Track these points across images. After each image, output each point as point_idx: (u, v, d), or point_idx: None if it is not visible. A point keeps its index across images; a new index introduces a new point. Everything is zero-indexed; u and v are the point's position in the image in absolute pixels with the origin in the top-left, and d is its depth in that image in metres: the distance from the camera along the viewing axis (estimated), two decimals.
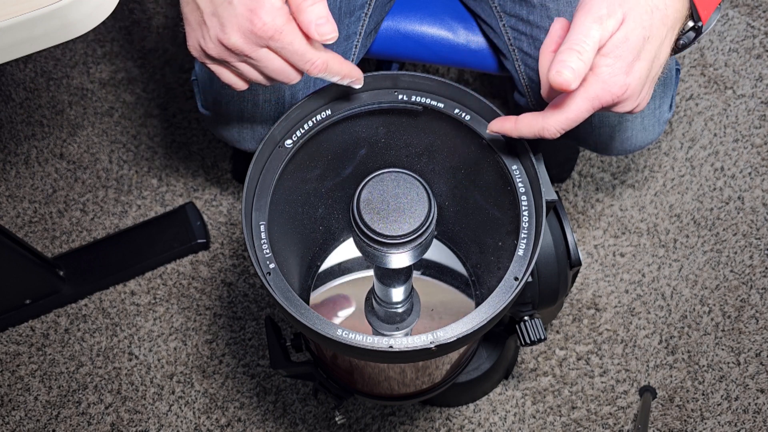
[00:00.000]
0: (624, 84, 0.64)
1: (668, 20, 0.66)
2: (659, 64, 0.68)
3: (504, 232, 0.77)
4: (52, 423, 1.25)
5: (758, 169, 1.38)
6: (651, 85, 0.69)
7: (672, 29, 0.67)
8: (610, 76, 0.64)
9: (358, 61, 0.97)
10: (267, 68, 0.67)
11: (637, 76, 0.65)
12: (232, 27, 0.64)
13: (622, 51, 0.64)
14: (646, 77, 0.66)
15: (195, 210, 1.35)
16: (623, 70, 0.64)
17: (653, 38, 0.65)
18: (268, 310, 1.30)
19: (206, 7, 0.65)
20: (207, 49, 0.67)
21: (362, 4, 0.94)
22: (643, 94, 0.68)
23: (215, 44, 0.66)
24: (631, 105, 0.67)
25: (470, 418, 1.23)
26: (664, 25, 0.66)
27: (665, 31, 0.66)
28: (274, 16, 0.63)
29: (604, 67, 0.64)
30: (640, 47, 0.64)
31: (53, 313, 1.31)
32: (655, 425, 1.23)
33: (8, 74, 1.50)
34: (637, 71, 0.65)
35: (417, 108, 0.76)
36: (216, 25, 0.65)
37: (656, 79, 0.69)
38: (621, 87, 0.64)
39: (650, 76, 0.67)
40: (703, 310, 1.29)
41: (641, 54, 0.65)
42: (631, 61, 0.64)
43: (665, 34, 0.66)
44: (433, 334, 0.67)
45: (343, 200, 0.84)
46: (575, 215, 1.36)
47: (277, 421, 1.24)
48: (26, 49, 0.70)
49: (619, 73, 0.64)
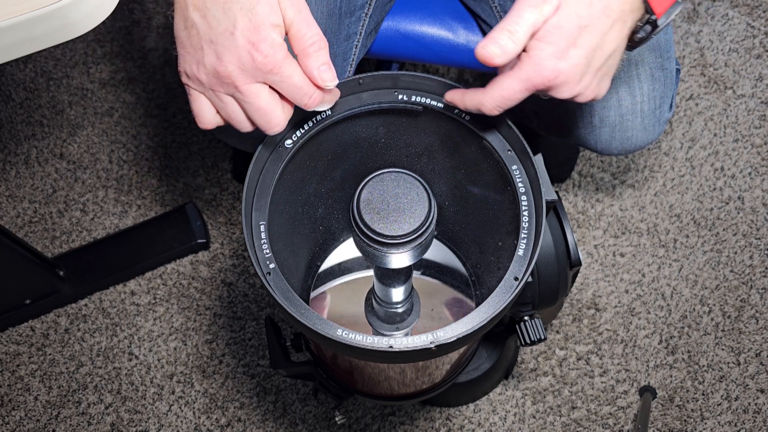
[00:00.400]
0: (555, 69, 0.66)
1: (612, 11, 0.67)
2: (603, 55, 0.68)
3: (504, 232, 0.77)
4: (52, 423, 1.25)
5: (758, 169, 1.38)
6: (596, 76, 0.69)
7: (620, 21, 0.68)
8: (541, 60, 0.66)
9: (358, 61, 0.97)
10: (252, 104, 0.67)
11: (573, 62, 0.66)
12: (231, 57, 0.65)
13: (556, 37, 0.66)
14: (585, 66, 0.67)
15: (195, 210, 1.35)
16: (555, 55, 0.66)
17: (592, 28, 0.66)
18: (268, 310, 1.30)
19: (205, 33, 0.65)
20: (198, 74, 0.67)
21: (362, 4, 0.94)
22: (584, 83, 0.69)
23: (209, 71, 0.66)
24: (570, 91, 0.69)
25: (470, 418, 1.23)
26: (608, 16, 0.67)
27: (609, 22, 0.67)
28: (275, 50, 0.64)
29: (537, 50, 0.66)
30: (575, 35, 0.66)
31: (53, 313, 1.31)
32: (655, 425, 1.23)
33: (8, 74, 1.50)
34: (572, 57, 0.66)
35: (417, 108, 0.76)
36: (212, 53, 0.65)
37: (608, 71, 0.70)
38: (552, 71, 0.66)
39: (592, 65, 0.68)
40: (703, 310, 1.29)
41: (577, 41, 0.66)
42: (565, 47, 0.66)
43: (609, 25, 0.67)
44: (433, 334, 0.67)
45: (343, 200, 0.84)
46: (575, 215, 1.36)
47: (277, 421, 1.24)
48: (26, 49, 0.70)
49: (550, 57, 0.66)
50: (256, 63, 0.64)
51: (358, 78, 0.75)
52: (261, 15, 0.64)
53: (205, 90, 0.68)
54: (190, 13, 0.65)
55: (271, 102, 0.67)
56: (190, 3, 0.65)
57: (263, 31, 0.64)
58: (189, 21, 0.66)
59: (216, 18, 0.64)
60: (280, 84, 0.66)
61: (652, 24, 0.70)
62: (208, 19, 0.65)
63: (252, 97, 0.66)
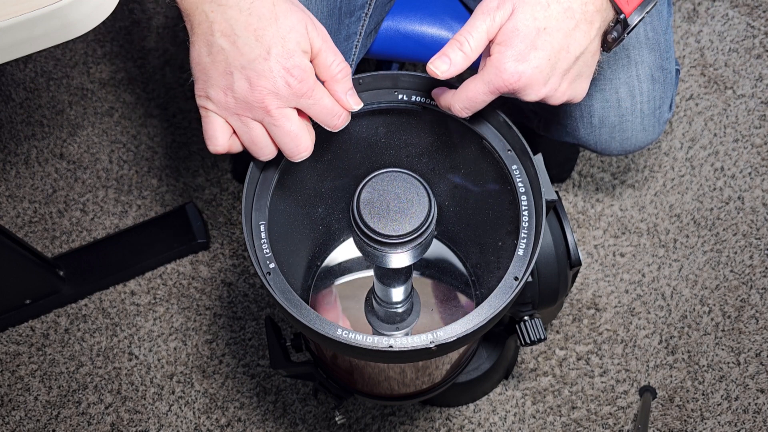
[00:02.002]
0: (516, 71, 0.67)
1: (573, 12, 0.68)
2: (570, 57, 0.69)
3: (504, 232, 0.77)
4: (52, 423, 1.25)
5: (758, 169, 1.38)
6: (566, 78, 0.70)
7: (585, 22, 0.68)
8: (501, 63, 0.67)
9: (358, 61, 0.97)
10: (281, 128, 0.68)
11: (534, 65, 0.67)
12: (266, 82, 0.65)
13: (513, 40, 0.67)
14: (550, 68, 0.68)
15: (195, 210, 1.35)
16: (515, 58, 0.67)
17: (551, 29, 0.67)
18: (268, 310, 1.30)
19: (235, 59, 0.66)
20: (226, 100, 0.67)
21: (362, 4, 0.94)
22: (552, 85, 0.69)
23: (239, 97, 0.67)
24: (536, 94, 0.69)
25: (470, 418, 1.23)
26: (569, 17, 0.68)
27: (572, 23, 0.68)
28: (308, 75, 0.67)
29: (497, 54, 0.68)
30: (533, 37, 0.67)
31: (53, 313, 1.31)
32: (655, 425, 1.23)
33: (8, 74, 1.50)
34: (533, 60, 0.67)
35: (417, 108, 0.76)
36: (244, 79, 0.66)
37: (580, 73, 0.71)
38: (513, 74, 0.67)
39: (558, 67, 0.69)
40: (703, 310, 1.29)
41: (537, 43, 0.67)
42: (524, 49, 0.67)
43: (572, 26, 0.68)
44: (433, 334, 0.67)
45: (343, 200, 0.84)
46: (575, 215, 1.36)
47: (277, 421, 1.24)
48: (26, 49, 0.70)
49: (509, 60, 0.67)
50: (291, 88, 0.66)
51: (358, 78, 0.75)
52: (293, 42, 0.66)
53: (228, 115, 0.68)
54: (216, 39, 0.66)
55: (302, 126, 0.69)
56: (216, 30, 0.65)
57: (296, 57, 0.66)
58: (215, 47, 0.66)
59: (248, 45, 0.65)
60: (312, 107, 0.68)
61: (623, 23, 0.70)
62: (238, 45, 0.65)
63: (283, 121, 0.68)
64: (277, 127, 0.68)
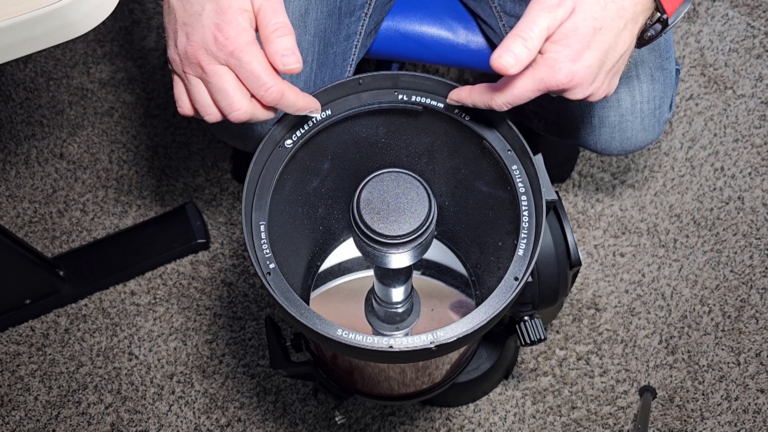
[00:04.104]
0: (570, 72, 0.66)
1: (625, 12, 0.67)
2: (616, 56, 0.69)
3: (504, 232, 0.77)
4: (52, 423, 1.25)
5: (758, 169, 1.38)
6: (608, 76, 0.70)
7: (632, 21, 0.68)
8: (556, 62, 0.66)
9: (358, 61, 0.97)
10: (214, 85, 0.67)
11: (587, 65, 0.67)
12: (198, 37, 0.66)
13: (571, 40, 0.66)
14: (598, 67, 0.68)
15: (195, 210, 1.35)
16: (570, 58, 0.66)
17: (606, 30, 0.67)
18: (268, 310, 1.30)
19: (180, 16, 0.67)
20: (173, 56, 0.69)
21: (362, 4, 0.94)
22: (597, 84, 0.69)
23: (180, 52, 0.68)
24: (583, 93, 0.69)
25: (470, 418, 1.23)
26: (620, 17, 0.67)
27: (622, 23, 0.67)
28: (238, 33, 0.65)
29: (552, 53, 0.66)
30: (590, 37, 0.66)
31: (53, 313, 1.31)
32: (655, 425, 1.23)
33: (8, 74, 1.50)
34: (586, 60, 0.67)
35: (417, 108, 0.76)
36: (184, 35, 0.67)
37: (618, 70, 0.71)
38: (567, 74, 0.66)
39: (604, 66, 0.68)
40: (703, 310, 1.29)
41: (591, 44, 0.66)
42: (580, 50, 0.66)
43: (622, 26, 0.68)
44: (433, 334, 0.66)
45: (343, 200, 0.84)
46: (575, 215, 1.36)
47: (277, 421, 1.24)
48: (26, 49, 0.70)
49: (566, 60, 0.66)
50: (218, 44, 0.65)
51: (358, 78, 0.75)
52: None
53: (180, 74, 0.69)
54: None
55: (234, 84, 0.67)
56: None
57: (229, 14, 0.65)
58: (170, 6, 0.68)
59: (190, 2, 0.66)
60: (239, 69, 0.66)
61: (663, 23, 0.70)
62: (183, 3, 0.67)
63: (215, 78, 0.67)
64: (210, 84, 0.67)
